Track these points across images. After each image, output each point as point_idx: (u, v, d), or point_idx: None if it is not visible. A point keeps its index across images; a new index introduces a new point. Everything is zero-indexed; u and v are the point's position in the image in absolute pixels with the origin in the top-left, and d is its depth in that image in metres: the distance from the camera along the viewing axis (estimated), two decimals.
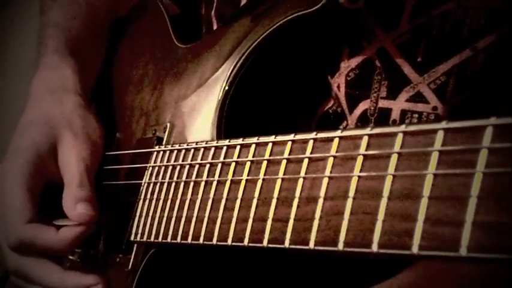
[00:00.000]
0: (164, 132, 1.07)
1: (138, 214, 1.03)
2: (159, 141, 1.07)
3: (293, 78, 0.98)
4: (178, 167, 0.95)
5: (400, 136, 0.60)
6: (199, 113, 1.01)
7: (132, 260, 1.04)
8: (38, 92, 1.22)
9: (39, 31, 1.33)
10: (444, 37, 0.90)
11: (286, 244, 0.70)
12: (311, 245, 0.66)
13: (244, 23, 0.99)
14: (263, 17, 0.96)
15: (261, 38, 0.93)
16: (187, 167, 0.93)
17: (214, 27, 1.15)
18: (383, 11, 0.93)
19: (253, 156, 0.80)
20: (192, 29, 1.22)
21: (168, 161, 0.99)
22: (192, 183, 0.90)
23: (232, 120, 0.96)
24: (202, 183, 0.88)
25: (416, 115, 0.92)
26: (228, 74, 0.96)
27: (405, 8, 0.91)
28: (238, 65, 0.95)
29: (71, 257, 1.23)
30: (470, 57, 0.89)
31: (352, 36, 0.95)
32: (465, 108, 0.91)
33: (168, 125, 1.07)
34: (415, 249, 0.55)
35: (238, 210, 0.79)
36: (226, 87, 0.96)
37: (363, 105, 0.94)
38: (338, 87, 0.95)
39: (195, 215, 0.88)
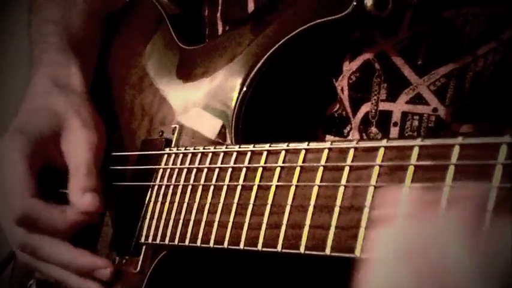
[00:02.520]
0: (173, 133, 1.06)
1: (148, 216, 1.02)
2: (168, 142, 1.06)
3: (302, 82, 0.99)
4: (194, 170, 0.95)
5: (457, 148, 0.61)
6: (213, 116, 1.00)
7: (140, 262, 1.03)
8: (43, 84, 1.21)
9: (33, 28, 1.31)
10: (444, 44, 0.92)
11: (327, 251, 0.70)
12: (357, 252, 0.67)
13: (260, 27, 0.99)
14: (281, 22, 0.96)
15: (281, 42, 0.93)
16: (205, 170, 0.93)
17: (220, 29, 1.15)
18: (387, 18, 0.94)
19: (283, 163, 0.80)
20: (192, 30, 1.21)
21: (182, 163, 0.98)
22: (212, 187, 0.90)
23: (247, 124, 0.96)
24: (225, 188, 0.88)
25: (417, 117, 0.93)
26: (245, 77, 0.96)
27: (405, 16, 0.92)
28: (257, 68, 0.95)
29: None
30: (471, 62, 0.91)
31: (354, 40, 0.96)
32: (466, 110, 0.92)
33: (177, 126, 1.06)
34: None
35: (269, 216, 0.79)
36: (244, 89, 0.95)
37: (364, 108, 0.95)
38: (342, 90, 0.96)
39: (216, 219, 0.88)
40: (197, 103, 1.05)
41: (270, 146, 0.83)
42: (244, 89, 0.95)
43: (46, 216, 1.09)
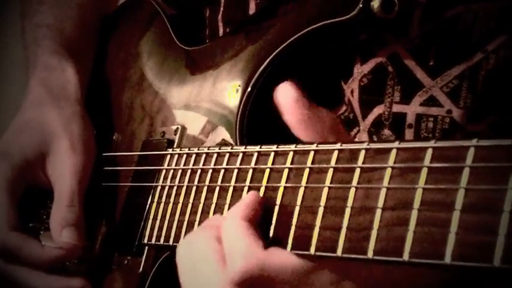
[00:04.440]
0: (175, 134, 1.06)
1: (151, 217, 1.02)
2: (170, 143, 1.06)
3: (308, 83, 0.99)
4: (199, 171, 0.95)
5: (472, 150, 0.61)
6: (217, 117, 1.00)
7: (143, 263, 1.03)
8: (37, 93, 1.21)
9: (27, 33, 1.31)
10: (455, 41, 0.92)
11: (339, 253, 0.70)
12: (369, 254, 0.67)
13: (264, 27, 1.00)
14: (287, 23, 0.96)
15: (287, 43, 0.93)
16: (210, 171, 0.93)
17: (221, 31, 1.15)
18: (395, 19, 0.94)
19: (291, 164, 0.80)
20: (192, 31, 1.21)
21: (186, 164, 0.98)
22: (217, 188, 0.90)
23: (252, 125, 0.96)
24: (231, 189, 0.88)
25: (432, 119, 0.93)
26: (249, 77, 0.96)
27: (415, 14, 0.93)
28: (262, 68, 0.95)
29: None
30: (482, 59, 0.91)
31: (363, 41, 0.96)
32: (480, 110, 0.93)
33: (179, 127, 1.06)
34: (496, 262, 0.56)
35: (277, 217, 0.79)
36: (249, 89, 0.95)
37: (377, 110, 0.95)
38: (352, 92, 0.96)
39: None
40: (200, 104, 1.05)
41: (277, 147, 0.83)
42: (249, 89, 0.95)
43: (26, 252, 1.10)
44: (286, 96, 0.78)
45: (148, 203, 1.04)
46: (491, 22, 0.90)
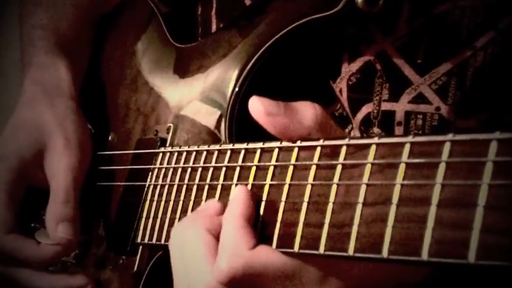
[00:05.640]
0: (168, 133, 1.06)
1: (144, 216, 1.02)
2: (163, 142, 1.06)
3: (297, 80, 0.98)
4: (189, 169, 0.94)
5: (447, 145, 0.61)
6: (207, 115, 1.00)
7: (137, 262, 1.03)
8: (31, 92, 1.21)
9: (24, 34, 1.32)
10: (443, 38, 0.91)
11: (321, 250, 0.70)
12: (350, 251, 0.67)
13: (252, 24, 0.99)
14: (273, 19, 0.96)
15: (273, 40, 0.93)
16: (200, 169, 0.92)
17: (214, 27, 1.15)
18: (381, 14, 0.93)
19: (276, 161, 0.80)
20: (185, 29, 1.21)
21: (177, 162, 0.98)
22: (207, 186, 0.90)
23: (241, 123, 0.96)
24: (219, 187, 0.87)
25: (421, 116, 0.93)
26: (237, 77, 0.96)
27: (403, 11, 0.92)
28: (249, 66, 0.94)
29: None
30: (470, 56, 0.90)
31: (351, 39, 0.95)
32: (468, 107, 0.92)
33: (172, 125, 1.06)
34: (471, 259, 0.55)
35: (263, 214, 0.79)
36: (237, 89, 0.95)
37: (366, 109, 0.95)
38: (340, 91, 0.96)
39: None
40: (191, 102, 1.05)
41: (263, 144, 0.83)
42: (237, 89, 0.95)
43: (22, 253, 1.10)
44: (257, 111, 0.77)
45: (142, 202, 1.03)
46: (479, 18, 0.90)
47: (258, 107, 0.77)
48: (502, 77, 0.91)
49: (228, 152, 0.88)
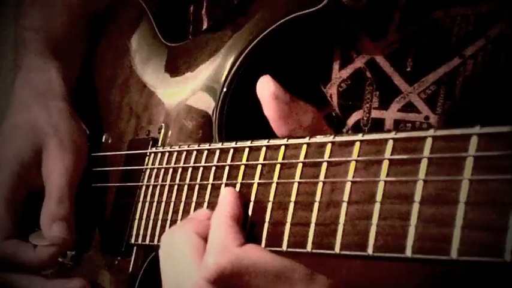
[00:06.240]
0: (159, 132, 1.06)
1: (137, 217, 1.02)
2: (154, 142, 1.06)
3: (288, 82, 0.98)
4: (180, 170, 0.94)
5: (429, 141, 0.60)
6: (197, 114, 1.00)
7: (132, 263, 1.03)
8: (23, 96, 1.21)
9: (17, 36, 1.32)
10: (433, 46, 0.91)
11: (309, 248, 0.70)
12: (337, 249, 0.66)
13: (239, 22, 0.99)
14: (259, 17, 0.95)
15: (259, 39, 0.93)
16: (190, 169, 0.92)
17: (205, 26, 1.14)
18: (371, 21, 0.93)
19: (264, 159, 0.79)
20: (177, 28, 1.21)
21: (168, 162, 0.98)
22: (197, 186, 0.90)
23: (231, 122, 0.96)
24: (209, 187, 0.87)
25: (410, 125, 0.92)
26: (225, 76, 0.95)
27: (393, 18, 0.92)
28: (236, 66, 0.94)
29: (60, 259, 1.22)
30: (459, 65, 0.90)
31: (341, 45, 0.95)
32: (457, 117, 0.92)
33: (163, 125, 1.06)
34: (454, 255, 0.55)
35: (252, 214, 0.79)
36: (224, 89, 0.95)
37: (355, 116, 0.95)
38: (331, 97, 0.96)
39: None
40: (182, 101, 1.04)
41: (251, 143, 0.82)
42: (225, 89, 0.95)
43: (19, 258, 1.10)
44: (266, 91, 0.77)
45: (135, 202, 1.03)
46: (469, 27, 0.89)
47: (267, 86, 0.77)
48: (492, 86, 0.90)
49: (217, 151, 0.87)
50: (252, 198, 0.79)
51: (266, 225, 0.76)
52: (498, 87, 0.89)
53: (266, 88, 0.77)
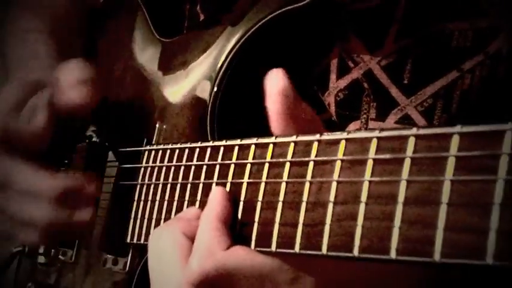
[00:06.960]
0: (153, 130, 1.05)
1: (133, 216, 1.01)
2: (149, 140, 1.05)
3: None
4: (172, 168, 0.94)
5: (412, 140, 0.59)
6: (190, 112, 0.99)
7: (128, 263, 1.03)
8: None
9: (11, 37, 1.31)
10: (430, 59, 0.90)
11: (297, 249, 0.69)
12: (324, 250, 0.66)
13: (229, 18, 0.98)
14: (249, 13, 0.94)
15: (248, 35, 0.92)
16: (183, 168, 0.91)
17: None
18: (368, 32, 0.92)
19: (253, 158, 0.78)
20: (173, 23, 1.20)
21: (161, 161, 0.97)
22: (189, 185, 0.89)
23: (224, 121, 0.95)
24: (201, 186, 0.87)
25: None
26: (216, 75, 0.94)
27: (390, 30, 0.91)
28: (225, 64, 0.93)
29: (61, 258, 1.22)
30: (457, 79, 0.89)
31: (338, 54, 0.94)
32: None
33: (158, 123, 1.05)
34: (437, 257, 0.54)
35: (242, 214, 0.78)
36: (215, 89, 0.94)
37: (353, 126, 0.94)
38: (329, 105, 0.95)
39: None
40: (175, 99, 1.04)
41: (241, 141, 0.82)
42: (215, 89, 0.94)
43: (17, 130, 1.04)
44: (274, 84, 0.75)
45: (131, 201, 1.03)
46: (467, 42, 0.88)
47: (278, 81, 0.74)
48: (489, 100, 0.90)
49: (208, 150, 0.87)
50: (242, 197, 0.78)
51: (255, 225, 0.75)
52: (495, 101, 0.89)
53: (276, 82, 0.75)
